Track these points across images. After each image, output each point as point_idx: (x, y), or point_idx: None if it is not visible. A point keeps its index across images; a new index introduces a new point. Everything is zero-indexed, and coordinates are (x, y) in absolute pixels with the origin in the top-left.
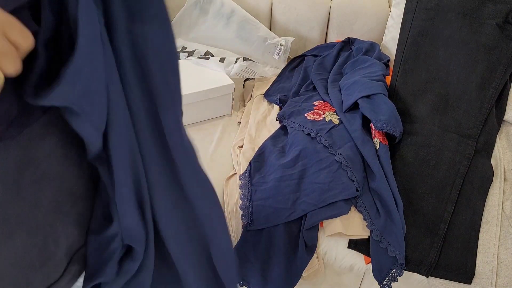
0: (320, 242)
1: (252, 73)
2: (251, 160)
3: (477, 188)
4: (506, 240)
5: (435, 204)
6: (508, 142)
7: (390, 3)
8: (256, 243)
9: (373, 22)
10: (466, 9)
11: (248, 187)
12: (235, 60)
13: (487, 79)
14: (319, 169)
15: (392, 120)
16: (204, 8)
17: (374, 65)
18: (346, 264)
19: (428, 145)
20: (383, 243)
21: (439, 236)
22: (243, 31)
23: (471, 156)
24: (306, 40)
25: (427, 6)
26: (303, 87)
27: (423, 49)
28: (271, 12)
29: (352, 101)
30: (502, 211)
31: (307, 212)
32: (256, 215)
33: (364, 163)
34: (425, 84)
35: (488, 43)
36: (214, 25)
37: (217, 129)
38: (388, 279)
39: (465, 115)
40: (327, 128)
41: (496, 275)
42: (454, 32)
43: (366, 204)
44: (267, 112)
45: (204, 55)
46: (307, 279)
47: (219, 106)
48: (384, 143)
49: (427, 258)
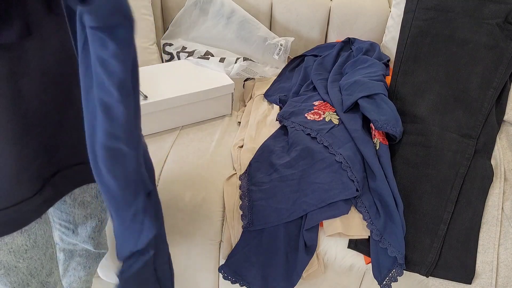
0: (320, 242)
1: (252, 73)
2: (251, 160)
3: (477, 188)
4: (506, 240)
5: (435, 204)
6: (508, 142)
7: (390, 3)
8: (256, 243)
9: (373, 22)
10: (466, 9)
11: (248, 187)
12: (235, 60)
13: (487, 79)
14: (319, 169)
15: (392, 120)
16: (204, 8)
17: (374, 65)
18: (346, 264)
19: (428, 145)
20: (383, 243)
21: (439, 236)
22: (243, 31)
23: (471, 156)
24: (306, 40)
25: (427, 6)
26: (303, 87)
27: (423, 49)
28: (271, 12)
29: (352, 101)
30: (502, 211)
31: (307, 212)
32: (256, 215)
33: (364, 163)
34: (425, 84)
35: (488, 43)
36: (214, 25)
37: (217, 129)
38: (388, 279)
39: (465, 115)
40: (327, 128)
41: (496, 275)
42: (454, 32)
43: (366, 204)
44: (267, 112)
45: (204, 55)
46: (307, 279)
47: (219, 106)
48: (384, 143)
49: (427, 258)
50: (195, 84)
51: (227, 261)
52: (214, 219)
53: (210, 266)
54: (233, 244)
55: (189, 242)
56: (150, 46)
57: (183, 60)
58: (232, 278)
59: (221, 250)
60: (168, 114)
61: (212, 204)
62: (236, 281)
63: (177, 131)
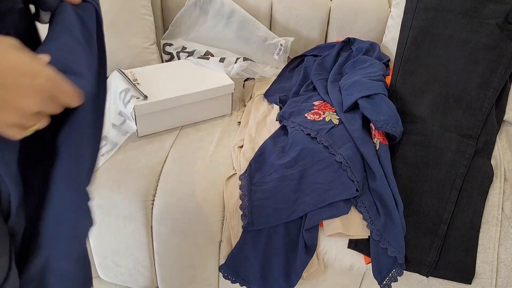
0: (320, 242)
1: (252, 73)
2: (251, 160)
3: (477, 188)
4: (506, 240)
5: (435, 204)
6: (508, 142)
7: (390, 3)
8: (256, 243)
9: (373, 22)
10: (466, 9)
11: (248, 187)
12: (235, 60)
13: (487, 79)
14: (319, 169)
15: (392, 120)
16: (204, 8)
17: (374, 65)
18: (346, 264)
19: (428, 145)
20: (383, 243)
21: (439, 236)
22: (243, 31)
23: (471, 156)
24: (306, 40)
25: (427, 6)
26: (303, 87)
27: (423, 49)
28: (271, 12)
29: (352, 101)
30: (502, 211)
31: (307, 212)
32: (256, 215)
33: (364, 163)
34: (425, 84)
35: (488, 43)
36: (214, 25)
37: (217, 129)
38: (388, 279)
39: (465, 115)
40: (327, 128)
41: (496, 275)
42: (454, 32)
43: (366, 204)
44: (267, 112)
45: (204, 55)
46: (307, 279)
47: (219, 106)
48: (384, 143)
49: (427, 258)
50: (195, 84)
51: (227, 261)
52: (214, 219)
53: (210, 266)
54: (233, 244)
55: (189, 242)
56: (150, 46)
57: (183, 60)
58: (232, 278)
59: (221, 250)
60: (168, 114)
61: (212, 204)
62: (236, 281)
63: (177, 131)
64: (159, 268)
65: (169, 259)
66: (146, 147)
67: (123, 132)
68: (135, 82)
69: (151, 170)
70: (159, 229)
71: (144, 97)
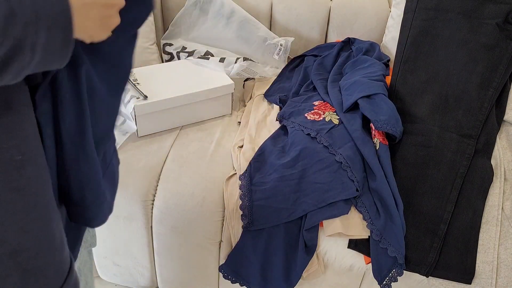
0: (320, 242)
1: (252, 73)
2: (251, 160)
3: (477, 188)
4: (506, 240)
5: (435, 204)
6: (508, 142)
7: (390, 3)
8: (256, 243)
9: (373, 22)
10: (466, 9)
11: (248, 187)
12: (235, 60)
13: (487, 79)
14: (319, 169)
15: (392, 120)
16: (204, 8)
17: (374, 65)
18: (346, 264)
19: (428, 145)
20: (383, 243)
21: (439, 236)
22: (243, 31)
23: (471, 156)
24: (306, 40)
25: (427, 6)
26: (303, 87)
27: (423, 49)
28: (271, 12)
29: (352, 101)
30: (502, 211)
31: (307, 212)
32: (256, 215)
33: (364, 163)
34: (425, 84)
35: (488, 43)
36: (214, 25)
37: (217, 129)
38: (388, 279)
39: (465, 115)
40: (327, 128)
41: (496, 275)
42: (454, 32)
43: (366, 204)
44: (267, 112)
45: (204, 55)
46: (307, 279)
47: (219, 106)
48: (384, 143)
49: (427, 258)
50: (195, 84)
51: (227, 261)
52: (214, 219)
53: (210, 266)
54: (233, 244)
55: (189, 242)
56: (150, 46)
57: (183, 60)
58: (232, 278)
59: (221, 250)
60: (168, 114)
61: (212, 204)
62: (236, 281)
63: (177, 131)
64: (159, 268)
65: (169, 259)
66: (146, 147)
67: (123, 132)
68: (135, 82)
69: (151, 170)
70: (159, 229)
71: (144, 97)
